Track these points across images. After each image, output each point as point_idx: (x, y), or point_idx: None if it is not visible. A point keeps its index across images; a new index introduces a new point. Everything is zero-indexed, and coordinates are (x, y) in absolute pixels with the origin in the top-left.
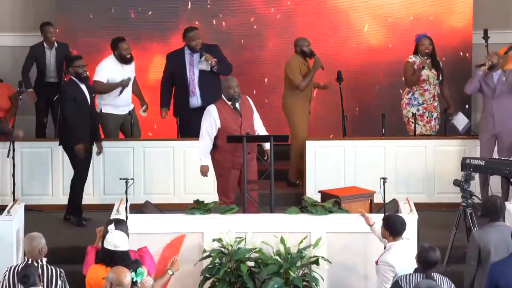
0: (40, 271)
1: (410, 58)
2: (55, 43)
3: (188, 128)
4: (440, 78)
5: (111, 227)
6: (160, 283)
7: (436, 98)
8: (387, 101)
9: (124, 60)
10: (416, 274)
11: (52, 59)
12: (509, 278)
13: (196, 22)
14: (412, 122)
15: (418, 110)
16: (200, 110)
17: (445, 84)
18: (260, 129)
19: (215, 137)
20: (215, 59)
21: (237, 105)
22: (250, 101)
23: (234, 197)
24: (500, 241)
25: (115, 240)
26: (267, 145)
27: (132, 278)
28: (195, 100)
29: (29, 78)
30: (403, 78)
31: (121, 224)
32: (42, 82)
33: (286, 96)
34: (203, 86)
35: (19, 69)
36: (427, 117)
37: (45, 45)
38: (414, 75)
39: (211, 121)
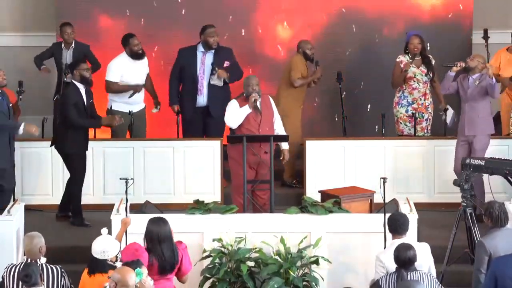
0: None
1: (398, 57)
2: (73, 43)
3: (191, 126)
4: (431, 75)
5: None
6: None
7: (428, 97)
8: (387, 101)
9: (136, 55)
10: (394, 273)
11: (68, 59)
12: (507, 274)
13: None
14: (401, 123)
15: (407, 111)
16: (204, 110)
17: (437, 81)
18: (279, 131)
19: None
20: (228, 74)
21: (258, 103)
22: (272, 102)
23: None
24: (509, 246)
25: (95, 247)
26: (284, 145)
27: None
28: (201, 99)
29: (41, 62)
30: None
31: (162, 222)
32: (61, 81)
33: (281, 97)
34: (211, 86)
35: (19, 69)
36: (417, 118)
37: (62, 45)
38: (399, 75)
39: (233, 112)
